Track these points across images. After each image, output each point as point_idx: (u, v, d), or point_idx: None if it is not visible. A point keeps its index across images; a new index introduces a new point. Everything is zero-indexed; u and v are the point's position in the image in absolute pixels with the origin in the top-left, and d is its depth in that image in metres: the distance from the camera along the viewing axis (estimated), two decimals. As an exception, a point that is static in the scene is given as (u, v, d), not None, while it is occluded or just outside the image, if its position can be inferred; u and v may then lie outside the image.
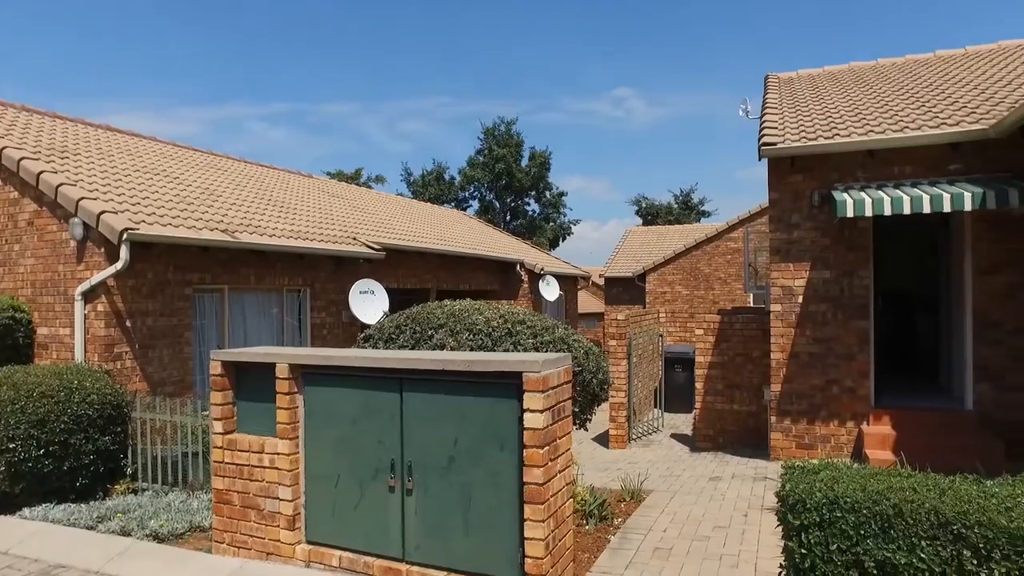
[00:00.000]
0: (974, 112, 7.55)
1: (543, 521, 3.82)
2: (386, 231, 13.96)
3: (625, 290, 26.09)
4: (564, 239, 50.45)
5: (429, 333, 5.64)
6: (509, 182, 47.57)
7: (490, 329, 5.61)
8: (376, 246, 11.54)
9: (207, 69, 77.52)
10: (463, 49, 78.16)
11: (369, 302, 10.48)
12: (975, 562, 3.05)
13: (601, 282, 29.38)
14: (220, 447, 4.82)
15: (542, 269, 18.00)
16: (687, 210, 48.84)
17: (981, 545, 3.04)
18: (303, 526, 4.65)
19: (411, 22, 76.53)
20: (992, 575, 3.03)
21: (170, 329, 8.16)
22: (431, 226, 18.01)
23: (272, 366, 4.60)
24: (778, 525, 3.67)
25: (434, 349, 5.51)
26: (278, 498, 4.60)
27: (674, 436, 10.77)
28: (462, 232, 19.45)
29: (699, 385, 9.62)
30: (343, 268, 11.07)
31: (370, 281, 10.76)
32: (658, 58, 79.99)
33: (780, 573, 3.75)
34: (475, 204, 49.59)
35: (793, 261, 7.94)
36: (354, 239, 11.63)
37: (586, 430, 6.48)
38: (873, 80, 10.38)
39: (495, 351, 5.43)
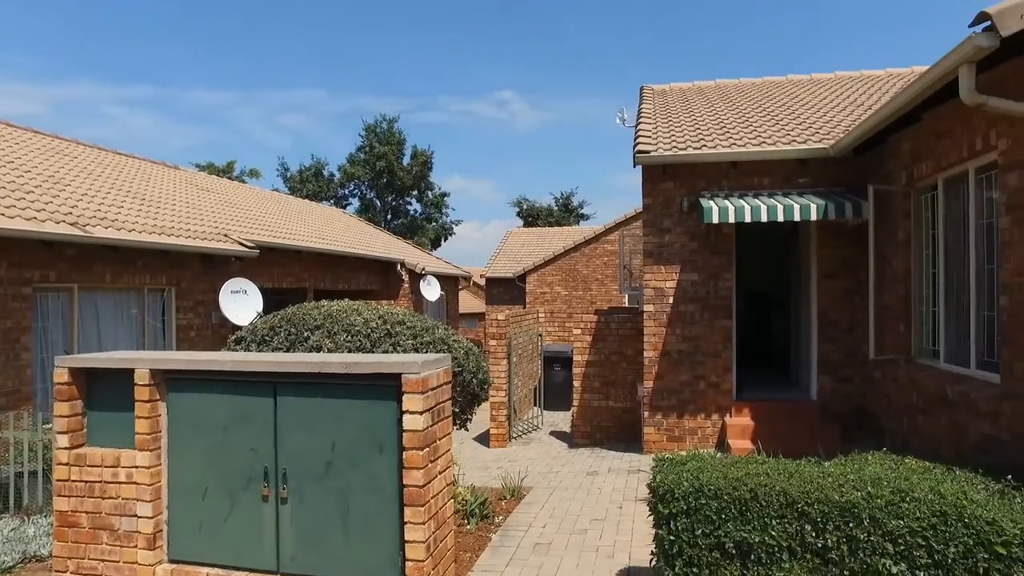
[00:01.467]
0: (818, 132, 8.36)
1: (424, 523, 3.80)
2: (260, 228, 13.29)
3: (506, 290, 26.47)
4: (446, 239, 50.46)
5: (305, 335, 5.43)
6: (390, 180, 46.88)
7: (369, 330, 5.49)
8: (249, 243, 10.96)
9: (45, 40, 69.60)
10: (343, 42, 76.11)
11: (242, 302, 9.94)
12: (814, 534, 3.40)
13: (482, 282, 29.64)
14: (66, 463, 4.36)
15: (423, 269, 17.89)
16: (567, 213, 50.32)
17: (819, 519, 3.39)
18: (165, 544, 4.32)
19: (290, 14, 73.45)
20: (827, 543, 3.38)
21: (2, 334, 7.30)
22: (309, 224, 17.37)
23: (130, 372, 4.24)
24: (650, 515, 3.87)
25: (310, 351, 5.31)
26: (136, 515, 4.24)
27: (553, 433, 11.05)
28: (341, 230, 18.91)
29: (577, 383, 9.93)
30: (213, 266, 10.42)
31: (242, 280, 10.21)
32: (541, 63, 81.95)
33: (652, 560, 3.96)
34: (355, 202, 48.52)
35: (664, 264, 8.41)
36: (225, 236, 10.97)
37: (467, 430, 6.51)
38: (736, 97, 11.22)
39: (374, 352, 5.33)
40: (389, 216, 48.21)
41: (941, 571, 3.27)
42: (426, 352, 5.34)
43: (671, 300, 8.36)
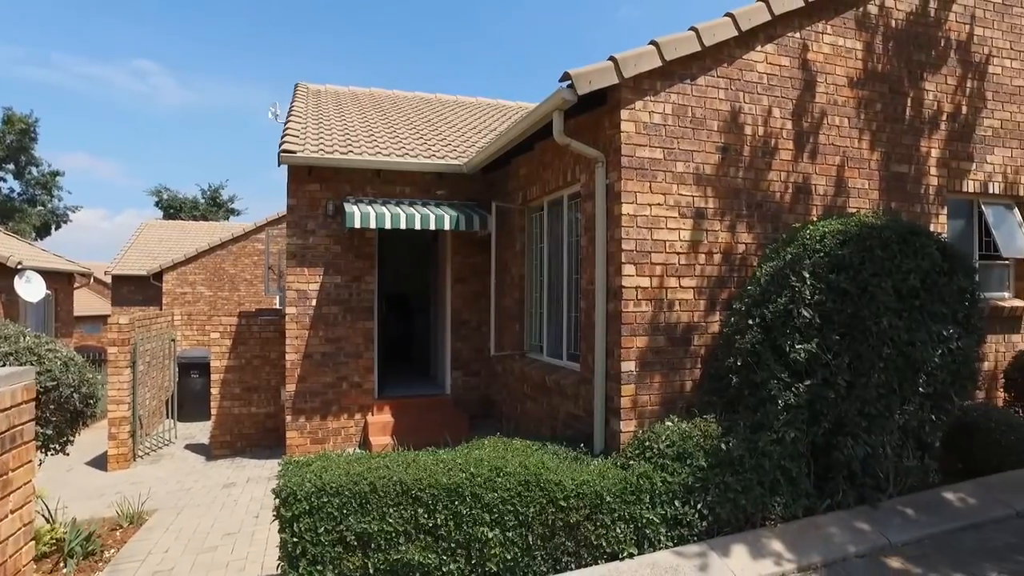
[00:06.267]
0: (456, 150, 9.23)
1: (-12, 574, 3.14)
2: None
3: (138, 290, 23.21)
4: (58, 227, 42.05)
5: None
6: (-28, 149, 37.21)
7: (-83, 341, 4.30)
8: None
9: None
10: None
11: None
12: (426, 516, 3.77)
13: (108, 280, 25.47)
14: None
15: (20, 263, 14.65)
16: (215, 207, 46.29)
17: (430, 502, 3.78)
18: None
19: None
20: (437, 522, 3.79)
21: None
22: None
23: None
24: (274, 520, 3.83)
25: None
26: None
27: (189, 447, 10.08)
28: None
29: (215, 390, 9.25)
30: None
31: None
32: (194, 35, 73.75)
33: (279, 566, 3.92)
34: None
35: (308, 266, 8.34)
36: None
37: (66, 454, 5.54)
38: (388, 108, 11.70)
39: (-74, 368, 4.19)
40: (-30, 194, 38.25)
41: (524, 528, 3.93)
42: (4, 364, 4.41)
43: (314, 302, 8.34)
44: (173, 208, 44.85)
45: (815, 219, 5.97)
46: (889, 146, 6.41)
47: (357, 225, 7.61)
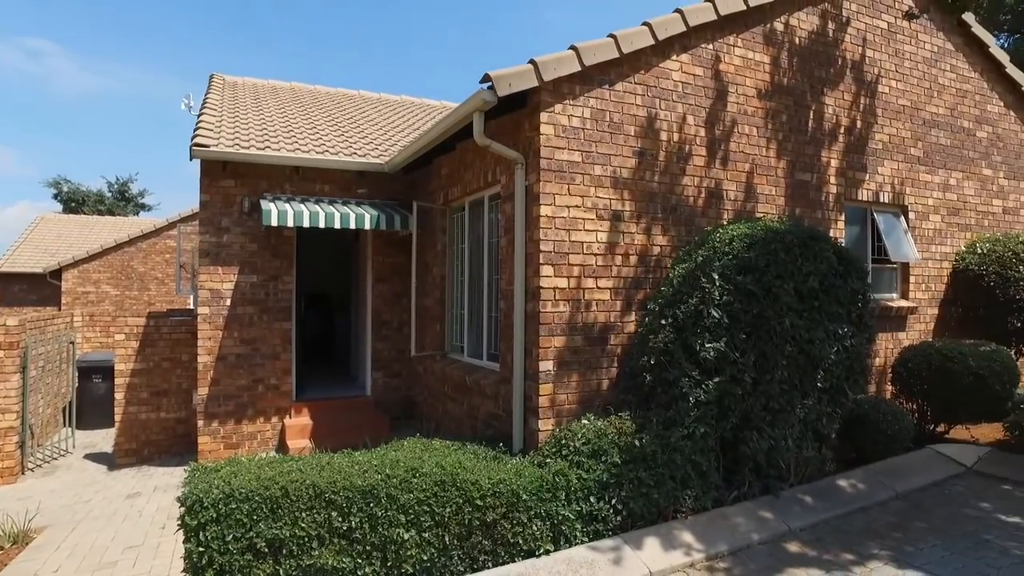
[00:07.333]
0: (377, 148, 9.10)
1: None
2: None
3: (32, 288, 21.60)
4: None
5: None
6: None
7: None
8: None
9: None
10: None
11: None
12: (340, 519, 3.70)
13: (-2, 279, 23.59)
14: None
15: None
16: (123, 201, 43.64)
17: (344, 505, 3.71)
18: None
19: None
20: (351, 525, 3.72)
21: None
22: None
23: None
24: (178, 529, 3.67)
25: None
26: None
27: (90, 456, 9.49)
28: None
29: (120, 395, 8.75)
30: None
31: None
32: (98, 19, 69.29)
33: (184, 578, 3.75)
34: None
35: (222, 264, 8.02)
36: None
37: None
38: (308, 103, 11.40)
39: None
40: None
41: (441, 529, 3.93)
42: None
43: (228, 302, 8.02)
44: (75, 201, 41.96)
45: (726, 223, 6.24)
46: (794, 155, 6.79)
47: (274, 223, 7.38)
